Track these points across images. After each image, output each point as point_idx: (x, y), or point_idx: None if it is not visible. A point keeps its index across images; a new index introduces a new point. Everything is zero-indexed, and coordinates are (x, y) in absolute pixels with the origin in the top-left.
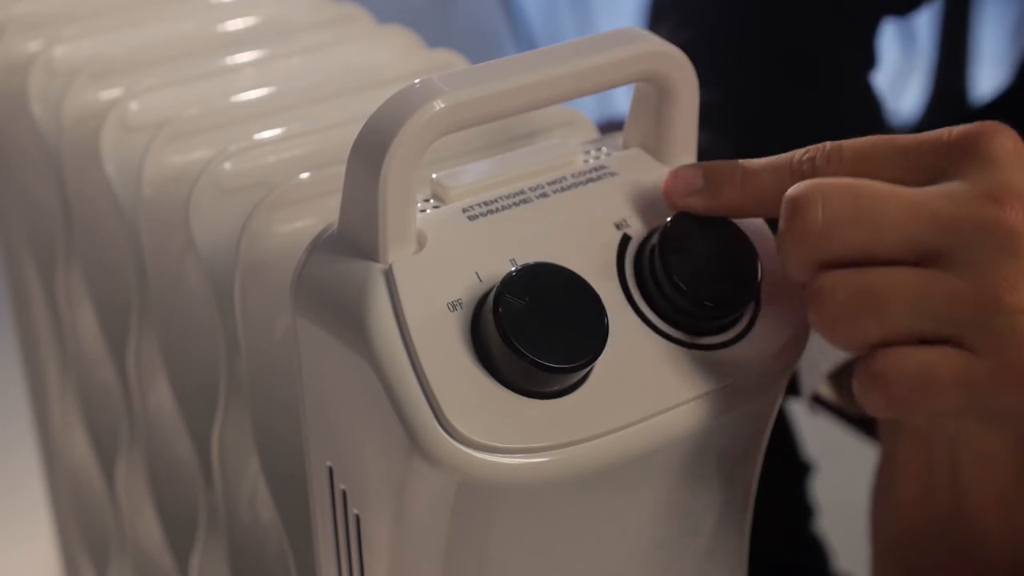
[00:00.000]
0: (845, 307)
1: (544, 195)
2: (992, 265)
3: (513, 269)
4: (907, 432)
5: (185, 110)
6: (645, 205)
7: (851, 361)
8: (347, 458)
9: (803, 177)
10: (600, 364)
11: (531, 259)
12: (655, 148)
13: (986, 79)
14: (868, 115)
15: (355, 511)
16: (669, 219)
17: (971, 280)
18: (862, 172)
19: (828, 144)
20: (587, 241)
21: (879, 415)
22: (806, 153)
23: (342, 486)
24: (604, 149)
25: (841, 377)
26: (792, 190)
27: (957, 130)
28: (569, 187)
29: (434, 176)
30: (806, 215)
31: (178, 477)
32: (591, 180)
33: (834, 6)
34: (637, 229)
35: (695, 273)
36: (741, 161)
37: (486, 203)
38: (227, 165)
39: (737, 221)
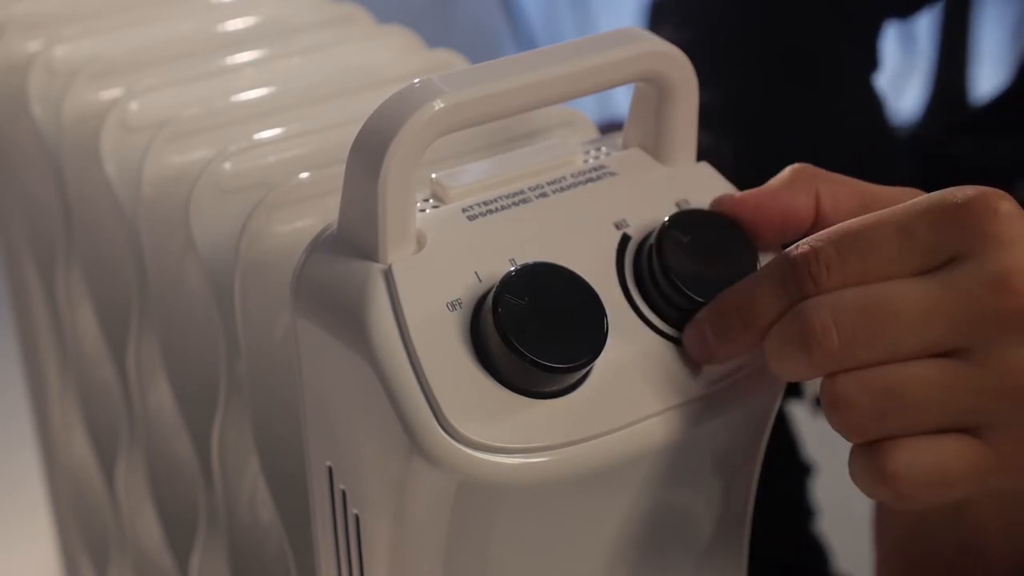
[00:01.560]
0: (870, 412)
1: (544, 195)
2: (1015, 357)
3: (512, 269)
4: None
5: (185, 110)
6: (644, 205)
7: None
8: (347, 458)
9: (804, 294)
10: (600, 364)
11: (531, 259)
12: (655, 148)
13: (986, 79)
14: (868, 115)
15: (355, 511)
16: (667, 218)
17: (995, 373)
18: (865, 269)
19: (822, 247)
20: (587, 241)
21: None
22: (799, 265)
23: (342, 486)
24: (604, 149)
25: None
26: (801, 319)
27: (953, 201)
28: (569, 187)
29: (434, 176)
30: (823, 345)
31: (178, 477)
32: (591, 180)
33: (834, 6)
34: (636, 229)
35: (694, 272)
36: (733, 295)
37: (486, 203)
38: (227, 165)
39: (735, 219)
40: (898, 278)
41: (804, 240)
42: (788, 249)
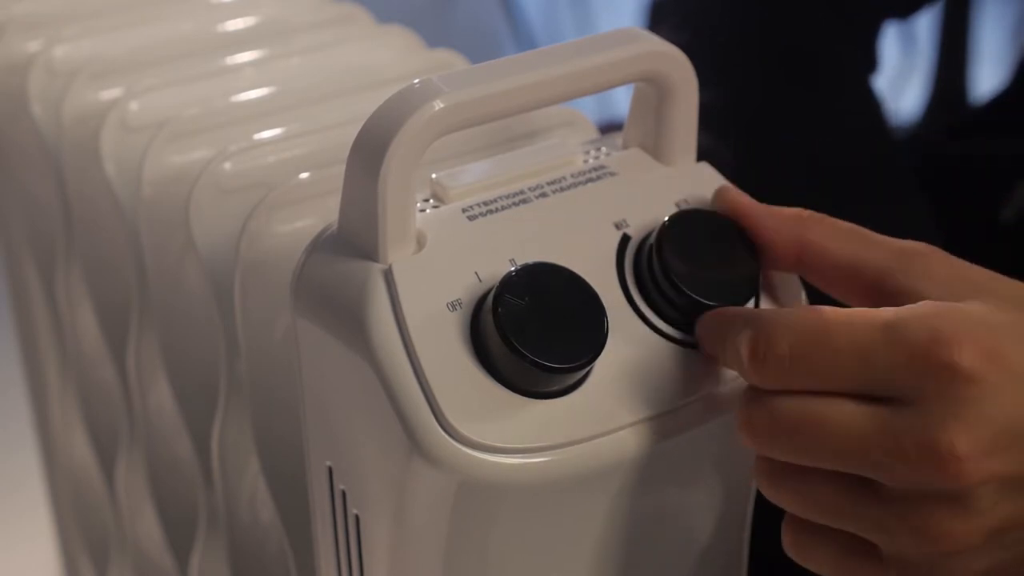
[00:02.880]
0: (781, 495)
1: (544, 195)
2: (920, 517)
3: (513, 269)
4: None
5: (185, 110)
6: (644, 205)
7: None
8: (347, 458)
9: (744, 373)
10: (600, 364)
11: (531, 259)
12: (655, 148)
13: (986, 79)
14: (868, 116)
15: (355, 511)
16: (667, 218)
17: (899, 519)
18: (810, 380)
19: (777, 344)
20: (587, 241)
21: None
22: (749, 347)
23: (342, 486)
24: (604, 149)
25: None
26: (747, 409)
27: (916, 342)
28: (569, 187)
29: (434, 176)
30: (757, 440)
31: (178, 477)
32: (591, 180)
33: (834, 6)
34: (636, 229)
35: (694, 272)
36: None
37: (486, 203)
38: (227, 165)
39: (735, 220)
40: (841, 394)
41: (767, 320)
42: (752, 318)
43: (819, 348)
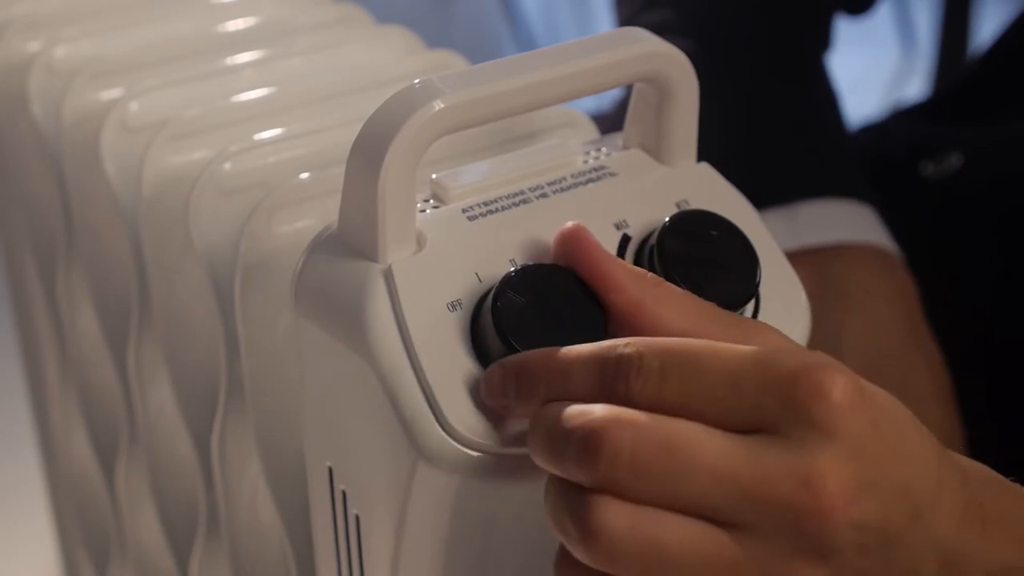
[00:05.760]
0: (626, 557)
1: (544, 196)
2: (784, 566)
3: (513, 269)
4: None
5: (185, 110)
6: (645, 205)
7: None
8: (347, 459)
9: (615, 396)
10: None
11: (531, 259)
12: (655, 148)
13: None
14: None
15: (355, 512)
16: (668, 219)
17: (757, 567)
18: (682, 400)
19: (648, 359)
20: None
21: None
22: (620, 366)
23: (342, 487)
24: (604, 149)
25: None
26: (594, 419)
27: (785, 370)
28: (569, 188)
29: (434, 176)
30: (611, 467)
31: (178, 478)
32: (591, 180)
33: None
34: (637, 229)
35: (695, 273)
36: (548, 360)
37: (486, 204)
38: (227, 165)
39: (735, 221)
40: (711, 424)
41: (635, 341)
42: (616, 341)
43: (687, 371)
